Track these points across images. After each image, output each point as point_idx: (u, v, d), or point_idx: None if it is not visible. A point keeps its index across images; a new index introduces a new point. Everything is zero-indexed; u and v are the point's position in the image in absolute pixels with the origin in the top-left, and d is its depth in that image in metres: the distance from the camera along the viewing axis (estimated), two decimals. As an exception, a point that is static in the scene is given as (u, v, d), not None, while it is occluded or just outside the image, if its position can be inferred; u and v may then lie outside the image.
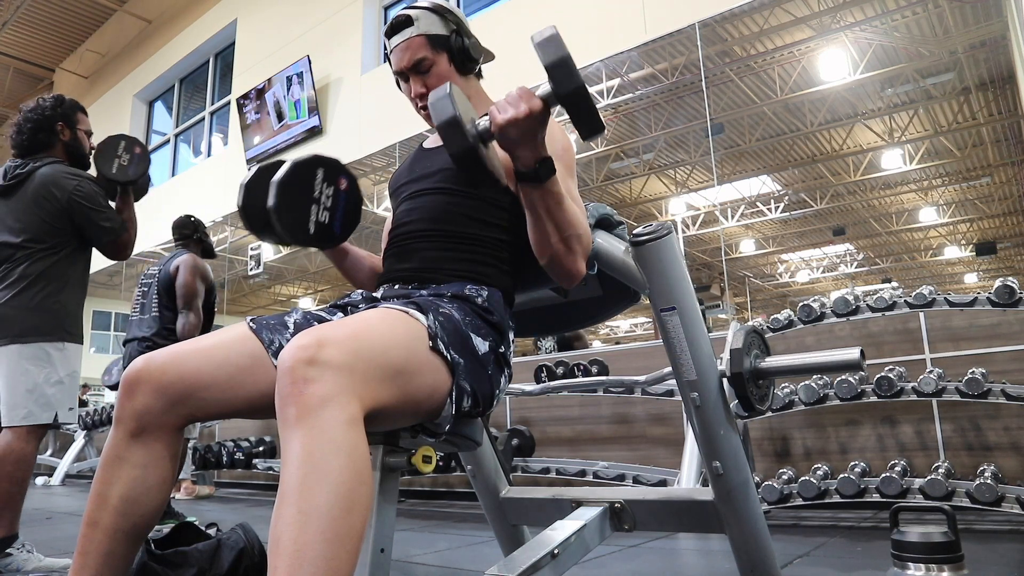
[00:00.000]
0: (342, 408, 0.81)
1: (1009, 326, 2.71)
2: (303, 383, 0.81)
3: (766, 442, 3.08)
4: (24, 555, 2.08)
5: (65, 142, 2.35)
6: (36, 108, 2.33)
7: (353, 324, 0.95)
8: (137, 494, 0.98)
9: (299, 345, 0.84)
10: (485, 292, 1.17)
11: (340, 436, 0.80)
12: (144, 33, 9.69)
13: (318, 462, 0.78)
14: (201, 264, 3.38)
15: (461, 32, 1.31)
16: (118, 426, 1.00)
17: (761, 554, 1.27)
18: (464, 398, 1.04)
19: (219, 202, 7.66)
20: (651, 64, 7.23)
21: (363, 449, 0.82)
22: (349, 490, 0.78)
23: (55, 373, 2.19)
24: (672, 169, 11.12)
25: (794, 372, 1.31)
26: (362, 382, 0.85)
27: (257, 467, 4.64)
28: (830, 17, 6.85)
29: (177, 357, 1.02)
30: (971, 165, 10.63)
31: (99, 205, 2.27)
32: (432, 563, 2.17)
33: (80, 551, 0.97)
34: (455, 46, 1.30)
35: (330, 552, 0.75)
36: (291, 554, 0.74)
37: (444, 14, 1.30)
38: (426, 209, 1.26)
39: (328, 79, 6.65)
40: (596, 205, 1.35)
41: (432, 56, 1.29)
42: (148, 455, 0.99)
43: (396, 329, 0.99)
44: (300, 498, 0.76)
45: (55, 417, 2.18)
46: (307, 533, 0.75)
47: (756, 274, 16.85)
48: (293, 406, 0.81)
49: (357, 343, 0.89)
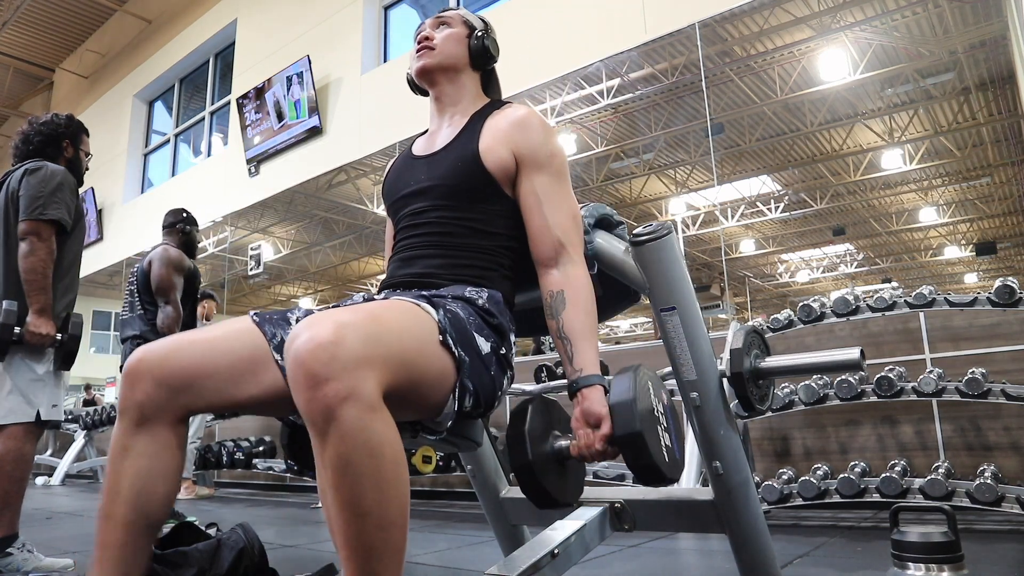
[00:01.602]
0: (362, 400, 0.82)
1: (1009, 326, 2.72)
2: (322, 382, 0.81)
3: (766, 442, 3.08)
4: (24, 555, 2.08)
5: (68, 159, 2.41)
6: (49, 123, 2.39)
7: (371, 308, 0.95)
8: (146, 483, 1.00)
9: (313, 339, 0.83)
10: (485, 294, 1.17)
11: (369, 434, 0.82)
12: (144, 33, 9.67)
13: (355, 466, 0.82)
14: (174, 255, 3.27)
15: (488, 34, 1.39)
16: (122, 417, 1.01)
17: (761, 554, 1.27)
18: (467, 397, 1.04)
19: (219, 202, 7.66)
20: (651, 64, 7.22)
21: (391, 435, 0.85)
22: (390, 482, 0.84)
23: (34, 370, 2.21)
24: (672, 169, 11.11)
25: (794, 372, 1.31)
26: (381, 367, 0.86)
27: (257, 467, 4.65)
28: (830, 17, 6.85)
29: (178, 347, 1.03)
30: (971, 165, 10.62)
31: (52, 183, 2.22)
32: (432, 563, 2.16)
33: (98, 544, 0.99)
34: (479, 35, 1.38)
35: (389, 539, 0.85)
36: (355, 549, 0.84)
37: (485, 20, 1.43)
38: (428, 226, 1.25)
39: (328, 79, 6.65)
40: (596, 205, 1.35)
41: (455, 21, 1.39)
42: (153, 444, 1.00)
43: (410, 318, 1.00)
44: (352, 500, 0.83)
45: (37, 415, 2.18)
46: (367, 531, 0.83)
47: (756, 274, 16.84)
48: (316, 409, 0.81)
49: (376, 326, 0.90)
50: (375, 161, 7.17)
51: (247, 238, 10.21)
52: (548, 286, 1.18)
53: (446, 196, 1.25)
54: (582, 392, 1.10)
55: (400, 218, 1.32)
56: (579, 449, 1.09)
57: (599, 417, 1.07)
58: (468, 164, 1.24)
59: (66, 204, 2.24)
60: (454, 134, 1.31)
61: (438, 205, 1.26)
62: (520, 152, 1.23)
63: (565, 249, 1.19)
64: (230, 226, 8.61)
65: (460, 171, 1.25)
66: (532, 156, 1.23)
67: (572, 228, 1.21)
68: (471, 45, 1.36)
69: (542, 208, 1.21)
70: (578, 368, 1.12)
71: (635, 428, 1.02)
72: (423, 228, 1.26)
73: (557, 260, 1.19)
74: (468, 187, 1.24)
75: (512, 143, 1.23)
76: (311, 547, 2.58)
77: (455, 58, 1.35)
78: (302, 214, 10.88)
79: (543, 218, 1.20)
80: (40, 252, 2.17)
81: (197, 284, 3.43)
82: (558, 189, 1.23)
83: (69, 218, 2.26)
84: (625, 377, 1.08)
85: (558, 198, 1.22)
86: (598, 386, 1.10)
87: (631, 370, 1.10)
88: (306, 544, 2.65)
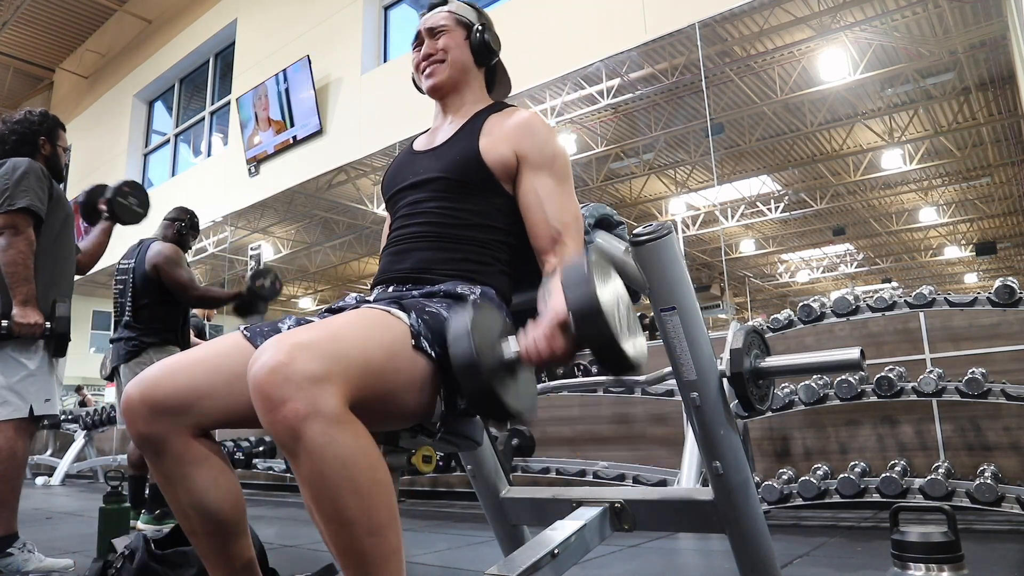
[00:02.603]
0: (325, 416, 0.82)
1: (1009, 326, 2.72)
2: (279, 404, 0.81)
3: (766, 442, 3.08)
4: (24, 555, 2.08)
5: (45, 156, 2.38)
6: (23, 120, 2.36)
7: (329, 325, 0.95)
8: (200, 498, 1.01)
9: (267, 363, 0.83)
10: (478, 290, 1.17)
11: (336, 447, 0.82)
12: (144, 33, 9.68)
13: (330, 480, 0.83)
14: (172, 251, 3.24)
15: (486, 27, 1.37)
16: (143, 451, 1.02)
17: (761, 554, 1.27)
18: (457, 397, 1.04)
19: (219, 202, 7.66)
20: (651, 64, 7.22)
21: (361, 443, 0.85)
22: (368, 490, 0.85)
23: (25, 365, 2.18)
24: (672, 169, 11.11)
25: (794, 372, 1.31)
26: (342, 381, 0.85)
27: (257, 467, 4.65)
28: (830, 17, 6.85)
29: (169, 372, 1.02)
30: (971, 165, 10.62)
31: (19, 173, 2.21)
32: (432, 563, 2.17)
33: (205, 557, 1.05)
34: (476, 32, 1.35)
35: (380, 543, 0.86)
36: (349, 557, 0.86)
37: (476, 8, 1.38)
38: (424, 216, 1.25)
39: (328, 79, 6.65)
40: (596, 205, 1.35)
41: (451, 26, 1.34)
42: (185, 464, 1.01)
43: (375, 328, 0.99)
44: (334, 513, 0.84)
45: (31, 410, 2.16)
46: (357, 539, 0.85)
47: (756, 274, 16.84)
48: (280, 431, 0.82)
49: (333, 343, 0.89)
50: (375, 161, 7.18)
51: (247, 238, 10.22)
52: (545, 272, 1.19)
53: (445, 188, 1.26)
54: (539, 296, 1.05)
55: (398, 209, 1.32)
56: (528, 346, 0.98)
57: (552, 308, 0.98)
58: (468, 158, 1.24)
59: (34, 191, 2.21)
60: (455, 130, 1.32)
61: (436, 196, 1.26)
62: (522, 151, 1.23)
63: (562, 238, 1.19)
64: (230, 226, 8.61)
65: (460, 164, 1.25)
66: (534, 156, 1.23)
67: (572, 224, 1.22)
68: (472, 45, 1.35)
69: (543, 205, 1.21)
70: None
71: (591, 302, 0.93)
72: (419, 218, 1.26)
73: (554, 249, 1.19)
74: (467, 180, 1.24)
75: (515, 142, 1.24)
76: (311, 547, 2.58)
77: (462, 67, 1.35)
78: (302, 214, 10.88)
79: (543, 213, 1.21)
80: (18, 244, 2.15)
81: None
82: (560, 190, 1.23)
83: (41, 204, 2.23)
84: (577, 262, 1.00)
85: (559, 198, 1.22)
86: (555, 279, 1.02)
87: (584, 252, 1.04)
88: (306, 544, 2.65)
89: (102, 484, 5.89)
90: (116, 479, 2.42)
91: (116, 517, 2.30)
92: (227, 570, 1.04)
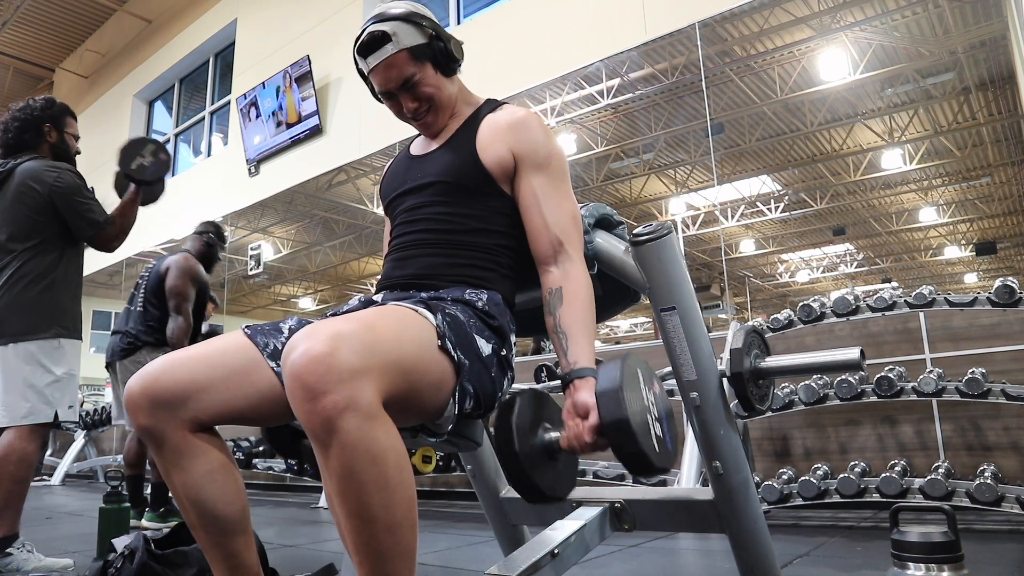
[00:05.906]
0: (362, 410, 0.82)
1: (1009, 326, 2.72)
2: (320, 395, 0.81)
3: (766, 442, 3.08)
4: (24, 555, 2.08)
5: (51, 143, 2.35)
6: (25, 108, 2.34)
7: (367, 317, 0.95)
8: (196, 492, 1.01)
9: (308, 352, 0.83)
10: (485, 296, 1.17)
11: (370, 443, 0.83)
12: (144, 33, 9.67)
13: (359, 475, 0.83)
14: (193, 265, 3.32)
15: (439, 36, 1.25)
16: (147, 444, 1.03)
17: (761, 554, 1.27)
18: (467, 399, 1.05)
19: (219, 202, 7.66)
20: (651, 64, 7.22)
21: (392, 441, 0.86)
22: (394, 487, 0.85)
23: (52, 371, 2.19)
24: (672, 169, 11.10)
25: (794, 372, 1.31)
26: (379, 375, 0.86)
27: (257, 467, 4.64)
28: (830, 17, 6.85)
29: (170, 366, 1.03)
30: (971, 165, 10.62)
31: (82, 195, 2.26)
32: (432, 563, 2.16)
33: (204, 550, 1.06)
34: (438, 52, 1.24)
35: (398, 541, 0.87)
36: (366, 553, 0.86)
37: (419, 22, 1.23)
38: (424, 221, 1.25)
39: (328, 79, 6.64)
40: (596, 205, 1.35)
41: (418, 69, 1.23)
42: (183, 457, 1.01)
43: (408, 325, 1.00)
44: (359, 508, 0.85)
45: (55, 415, 2.17)
46: (376, 535, 0.85)
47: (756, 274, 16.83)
48: (316, 422, 0.82)
49: (372, 335, 0.90)
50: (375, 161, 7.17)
51: (247, 238, 10.21)
52: (547, 284, 1.18)
53: (443, 192, 1.25)
54: (573, 383, 1.09)
55: (397, 214, 1.31)
56: (568, 440, 1.06)
57: (588, 407, 1.04)
58: (465, 160, 1.24)
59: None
60: (451, 133, 1.31)
61: (435, 201, 1.25)
62: (519, 151, 1.22)
63: (563, 247, 1.18)
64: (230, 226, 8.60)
65: (457, 167, 1.24)
66: (531, 156, 1.22)
67: (571, 227, 1.21)
68: (441, 71, 1.26)
69: (540, 207, 1.20)
70: (572, 361, 1.11)
71: (622, 415, 1.00)
72: (420, 224, 1.25)
73: (556, 258, 1.18)
74: (465, 183, 1.23)
75: (511, 142, 1.23)
76: (311, 547, 2.58)
77: (448, 97, 1.28)
78: (302, 214, 10.87)
79: (541, 217, 1.20)
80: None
81: (206, 296, 3.45)
82: (557, 189, 1.22)
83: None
84: (613, 365, 1.06)
85: (557, 198, 1.22)
86: (590, 377, 1.08)
87: (620, 359, 1.09)
88: (306, 544, 2.65)
89: (102, 484, 5.89)
90: (116, 479, 2.42)
91: (116, 517, 2.31)
92: (226, 566, 1.04)
